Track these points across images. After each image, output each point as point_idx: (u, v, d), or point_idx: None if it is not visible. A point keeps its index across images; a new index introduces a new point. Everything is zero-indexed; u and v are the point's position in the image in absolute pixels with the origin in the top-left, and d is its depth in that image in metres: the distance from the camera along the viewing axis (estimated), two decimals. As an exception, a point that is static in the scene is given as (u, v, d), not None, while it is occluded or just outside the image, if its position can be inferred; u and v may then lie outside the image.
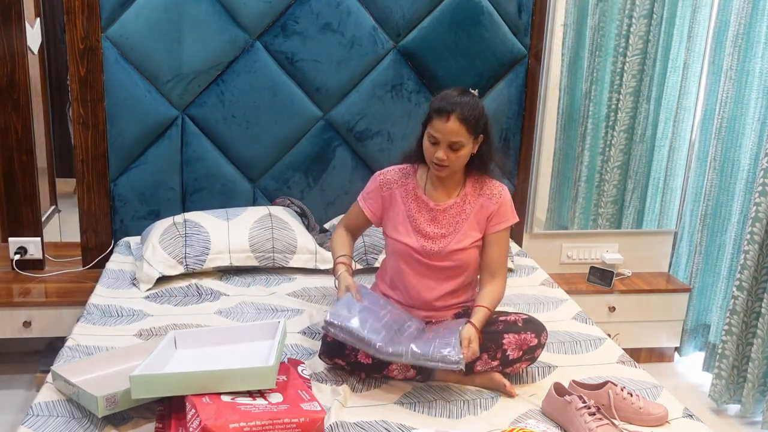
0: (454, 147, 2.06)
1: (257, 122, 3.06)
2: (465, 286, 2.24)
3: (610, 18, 3.19)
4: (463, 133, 2.04)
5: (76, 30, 2.85)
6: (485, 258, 2.18)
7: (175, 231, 2.78)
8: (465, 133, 2.05)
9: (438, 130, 2.05)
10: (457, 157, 2.08)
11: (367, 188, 2.30)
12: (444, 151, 2.06)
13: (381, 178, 2.26)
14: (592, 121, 3.31)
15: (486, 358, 2.05)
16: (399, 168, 2.27)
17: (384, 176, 2.26)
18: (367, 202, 2.28)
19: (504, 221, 2.18)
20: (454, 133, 2.03)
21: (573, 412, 1.82)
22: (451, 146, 2.06)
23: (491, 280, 2.16)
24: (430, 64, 3.12)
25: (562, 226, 3.46)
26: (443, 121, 2.03)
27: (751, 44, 3.04)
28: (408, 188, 2.22)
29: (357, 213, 2.31)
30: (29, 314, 2.82)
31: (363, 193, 2.31)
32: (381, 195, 2.25)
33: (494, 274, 2.17)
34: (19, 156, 2.96)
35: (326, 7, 2.98)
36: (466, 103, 2.05)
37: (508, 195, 2.20)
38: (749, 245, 2.92)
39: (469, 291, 2.27)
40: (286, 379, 1.87)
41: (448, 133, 2.03)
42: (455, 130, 2.03)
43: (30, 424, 1.77)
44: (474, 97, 2.09)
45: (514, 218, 2.20)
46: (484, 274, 2.18)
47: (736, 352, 3.02)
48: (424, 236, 2.17)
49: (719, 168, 3.23)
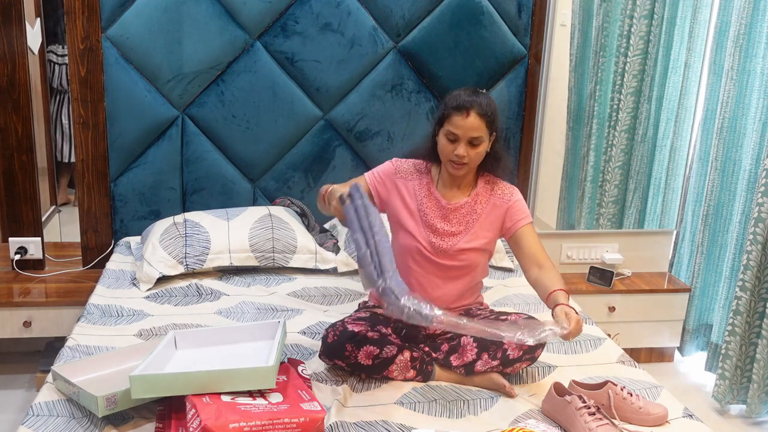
0: (474, 143, 2.07)
1: (257, 122, 3.06)
2: (470, 289, 2.24)
3: (613, 19, 3.20)
4: (483, 128, 2.06)
5: (76, 30, 2.85)
6: (524, 253, 2.15)
7: (175, 231, 2.78)
8: (484, 128, 2.07)
9: (458, 126, 2.05)
10: (476, 154, 2.09)
11: (380, 167, 2.26)
12: (464, 147, 2.07)
13: (398, 164, 2.25)
14: (597, 121, 3.31)
15: (486, 358, 2.05)
16: (414, 162, 2.26)
17: (400, 164, 2.25)
18: (374, 176, 2.24)
19: (525, 216, 2.18)
20: (475, 128, 2.05)
21: (573, 412, 1.82)
22: (471, 142, 2.07)
23: (541, 270, 2.11)
24: (430, 64, 3.12)
25: (571, 226, 3.47)
26: (463, 117, 2.05)
27: (753, 44, 3.04)
28: (422, 183, 2.21)
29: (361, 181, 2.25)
30: (29, 314, 2.82)
31: (374, 170, 2.27)
32: (392, 180, 2.22)
33: (542, 265, 2.12)
34: (19, 156, 2.96)
35: (326, 7, 2.98)
36: (483, 99, 2.08)
37: (520, 195, 2.22)
38: (752, 245, 2.91)
39: (474, 294, 2.27)
40: (286, 379, 1.87)
41: (469, 128, 2.05)
42: (476, 125, 2.05)
43: (30, 424, 1.77)
44: (487, 95, 2.12)
45: (530, 217, 2.21)
46: (532, 269, 2.13)
47: (739, 353, 3.02)
48: (434, 232, 2.17)
49: (721, 168, 3.23)
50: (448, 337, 2.16)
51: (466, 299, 2.24)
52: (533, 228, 2.19)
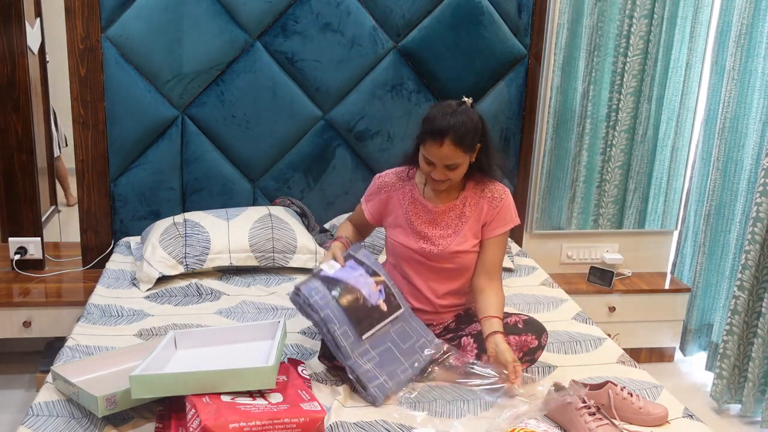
0: (450, 167, 2.05)
1: (257, 122, 3.06)
2: (468, 287, 2.23)
3: (609, 18, 3.19)
4: (459, 154, 2.02)
5: (76, 30, 2.85)
6: (484, 259, 2.17)
7: (175, 231, 2.78)
8: (461, 154, 2.03)
9: (432, 154, 2.03)
10: (454, 174, 2.07)
11: (368, 190, 2.30)
12: (441, 171, 2.05)
13: (379, 181, 2.26)
14: (591, 121, 3.31)
15: (486, 359, 2.04)
16: (396, 171, 2.26)
17: (382, 179, 2.26)
18: (368, 204, 2.28)
19: (504, 225, 2.16)
20: (449, 157, 2.02)
21: (573, 412, 1.82)
22: (448, 167, 2.05)
23: (489, 283, 2.14)
24: (430, 64, 3.12)
25: (555, 226, 3.46)
26: (437, 146, 2.00)
27: (754, 44, 3.04)
28: (405, 191, 2.21)
29: (359, 212, 2.32)
30: (29, 314, 2.82)
31: (365, 194, 2.31)
32: (380, 197, 2.25)
33: (492, 276, 2.15)
34: (19, 156, 2.96)
35: (326, 7, 2.98)
36: (460, 123, 1.99)
37: (509, 197, 2.19)
38: (750, 245, 2.91)
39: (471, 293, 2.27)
40: (286, 379, 1.87)
41: (444, 157, 2.02)
42: (450, 155, 2.01)
43: (30, 424, 1.77)
44: (467, 111, 2.04)
45: (515, 221, 2.19)
46: (481, 276, 2.16)
47: (737, 352, 3.02)
48: (423, 238, 2.16)
49: (722, 168, 3.23)
50: (448, 338, 2.17)
51: (463, 299, 2.24)
52: (506, 237, 2.19)
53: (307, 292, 1.99)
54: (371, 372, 1.95)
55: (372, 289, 2.06)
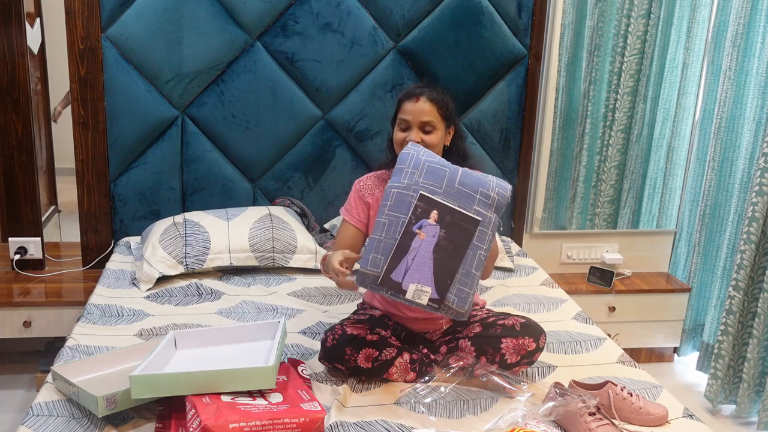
0: (425, 129, 2.06)
1: (257, 122, 3.06)
2: None
3: (608, 18, 3.20)
4: (434, 113, 2.06)
5: (76, 30, 2.85)
6: None
7: (175, 231, 2.78)
8: (436, 114, 2.06)
9: (408, 111, 2.06)
10: (430, 138, 2.07)
11: (349, 200, 2.25)
12: (416, 133, 2.06)
13: (359, 185, 2.24)
14: (591, 120, 3.31)
15: (484, 362, 2.04)
16: (375, 174, 2.26)
17: (362, 183, 2.24)
18: (351, 213, 2.22)
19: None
20: (426, 113, 2.05)
21: (573, 412, 1.82)
22: (423, 128, 2.06)
23: None
24: (430, 64, 3.12)
25: (560, 226, 3.46)
26: (413, 102, 2.06)
27: (750, 44, 3.04)
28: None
29: (345, 228, 2.23)
30: (29, 314, 2.82)
31: (345, 205, 2.25)
32: (363, 201, 2.21)
33: None
34: (19, 156, 2.96)
35: (326, 7, 2.98)
36: (434, 88, 2.10)
37: None
38: (745, 245, 2.91)
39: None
40: (286, 379, 1.87)
41: (419, 112, 2.05)
42: (426, 110, 2.05)
43: (30, 424, 1.77)
44: (443, 91, 2.12)
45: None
46: None
47: (732, 352, 3.02)
48: None
49: (718, 168, 3.23)
50: (446, 340, 2.16)
51: None
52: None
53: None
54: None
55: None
